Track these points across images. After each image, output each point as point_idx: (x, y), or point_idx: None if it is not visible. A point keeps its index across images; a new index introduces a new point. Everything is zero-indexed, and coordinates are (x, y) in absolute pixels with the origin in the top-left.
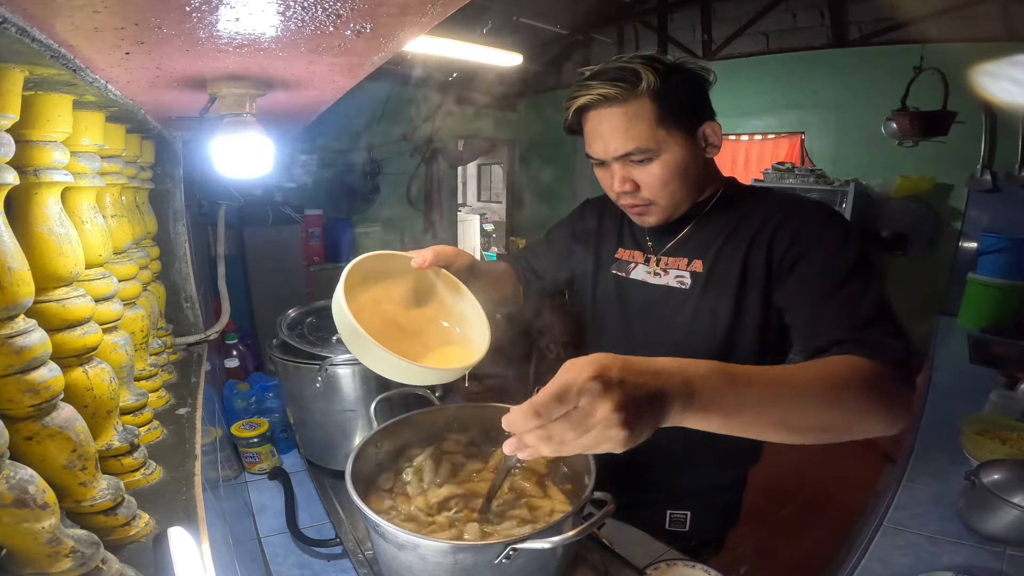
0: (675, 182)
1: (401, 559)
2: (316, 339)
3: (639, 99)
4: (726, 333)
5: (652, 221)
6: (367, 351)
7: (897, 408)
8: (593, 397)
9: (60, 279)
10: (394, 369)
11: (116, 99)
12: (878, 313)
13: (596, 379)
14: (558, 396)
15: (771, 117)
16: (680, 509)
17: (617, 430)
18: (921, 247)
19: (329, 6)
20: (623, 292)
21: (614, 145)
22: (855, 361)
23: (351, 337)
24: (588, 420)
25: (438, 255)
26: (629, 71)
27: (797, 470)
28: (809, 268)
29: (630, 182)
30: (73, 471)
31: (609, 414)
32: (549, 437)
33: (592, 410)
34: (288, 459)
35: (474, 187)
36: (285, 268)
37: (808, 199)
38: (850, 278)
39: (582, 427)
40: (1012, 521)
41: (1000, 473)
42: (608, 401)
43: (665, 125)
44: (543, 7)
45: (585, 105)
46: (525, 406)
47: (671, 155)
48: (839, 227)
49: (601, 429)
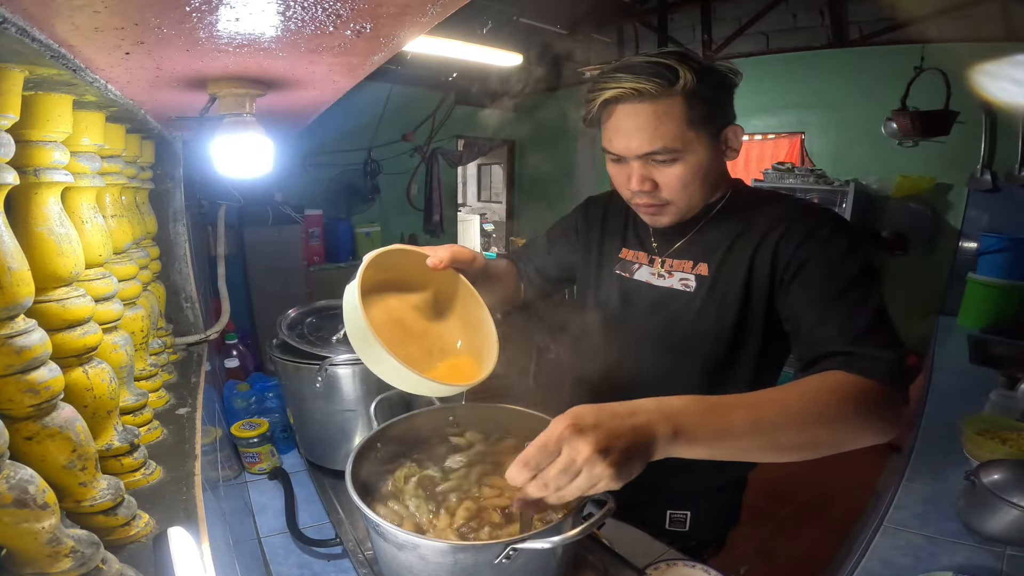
0: (695, 184)
1: (401, 559)
2: (316, 339)
3: (672, 97)
4: (729, 337)
5: (666, 222)
6: (374, 357)
7: (887, 420)
8: (572, 444)
9: (60, 279)
10: (398, 376)
11: (116, 99)
12: (875, 326)
13: (571, 427)
14: (541, 447)
15: (771, 117)
16: (680, 509)
17: (603, 467)
18: (921, 247)
19: (329, 6)
20: (626, 293)
21: (637, 143)
22: (844, 378)
23: (360, 338)
24: (573, 465)
25: (455, 257)
26: (666, 67)
27: (797, 470)
28: (811, 277)
29: (649, 181)
30: (73, 471)
31: (590, 455)
32: (545, 485)
33: (574, 455)
34: (288, 459)
35: (474, 187)
36: (285, 268)
37: (817, 205)
38: (850, 290)
39: (570, 472)
40: (1012, 521)
41: (1000, 473)
42: (587, 444)
43: (694, 126)
44: (543, 7)
45: (613, 98)
46: (516, 461)
47: (695, 156)
48: (845, 237)
49: (588, 470)
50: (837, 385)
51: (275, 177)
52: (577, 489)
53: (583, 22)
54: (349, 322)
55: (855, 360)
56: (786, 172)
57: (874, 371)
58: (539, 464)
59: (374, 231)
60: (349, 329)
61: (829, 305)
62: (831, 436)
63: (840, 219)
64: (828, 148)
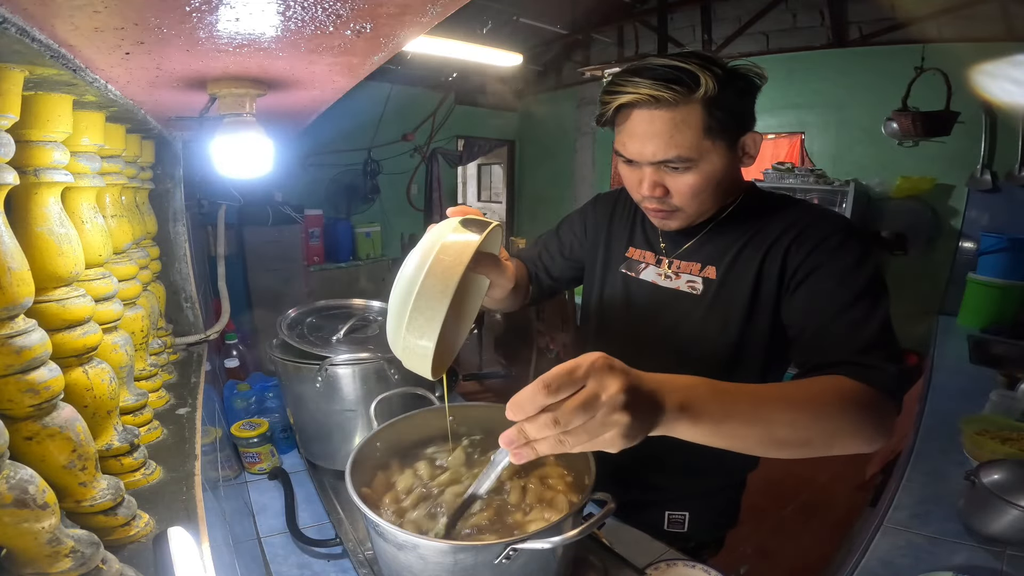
0: (707, 192)
1: (401, 559)
2: (316, 339)
3: (690, 105)
4: (734, 342)
5: (674, 226)
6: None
7: (880, 429)
8: (602, 376)
9: (60, 279)
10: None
11: (116, 99)
12: (881, 338)
13: (604, 359)
14: (567, 372)
15: (771, 117)
16: (678, 510)
17: (621, 414)
18: (921, 247)
19: (329, 6)
20: (631, 292)
21: (651, 149)
22: (846, 382)
23: (431, 292)
24: (596, 401)
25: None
26: (686, 73)
27: (797, 470)
28: (820, 285)
29: (661, 187)
30: (73, 471)
31: (616, 393)
32: (556, 421)
33: (600, 389)
34: (288, 459)
35: (474, 187)
36: (285, 268)
37: (830, 212)
38: (859, 301)
39: (591, 408)
40: (1012, 521)
41: (1000, 473)
42: (616, 380)
43: (711, 136)
44: (543, 7)
45: (629, 103)
46: (535, 383)
47: (709, 165)
48: (857, 246)
49: (607, 411)
50: (841, 388)
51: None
52: (586, 433)
53: (583, 22)
54: (435, 273)
55: (861, 370)
56: (786, 172)
57: (878, 381)
58: (560, 389)
59: (374, 231)
60: (421, 278)
61: (837, 314)
62: (824, 436)
63: (852, 227)
64: (828, 148)
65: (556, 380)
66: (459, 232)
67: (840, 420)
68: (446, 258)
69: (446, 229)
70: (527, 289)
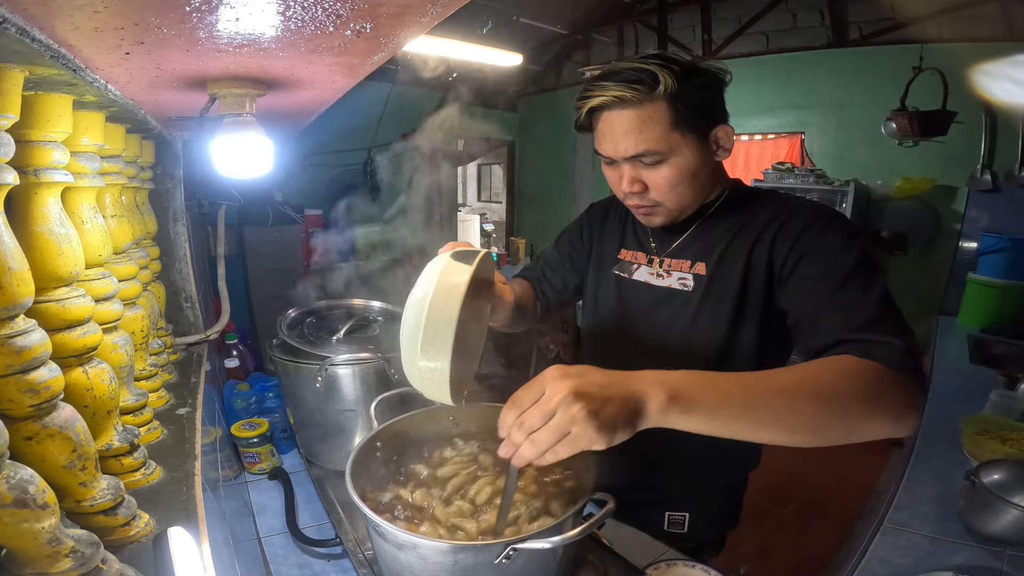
0: (683, 185)
1: (401, 559)
2: (316, 339)
3: (654, 102)
4: (727, 336)
5: (658, 222)
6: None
7: (901, 407)
8: (553, 383)
9: (60, 279)
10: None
11: (116, 99)
12: (879, 313)
13: (557, 369)
14: (526, 387)
15: (771, 117)
16: (678, 511)
17: (578, 409)
18: (921, 247)
19: (329, 6)
20: (624, 293)
21: (624, 146)
22: (851, 361)
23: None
24: (548, 404)
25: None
26: (646, 73)
27: (797, 470)
28: (810, 270)
29: (639, 183)
30: (73, 471)
31: (566, 394)
32: (522, 423)
33: (552, 394)
34: (288, 459)
35: (474, 187)
36: (285, 268)
37: (812, 202)
38: (851, 279)
39: (546, 411)
40: (1012, 521)
41: (1000, 473)
42: (565, 384)
43: (679, 129)
44: (543, 7)
45: (598, 105)
46: (507, 403)
47: (682, 158)
48: (841, 229)
49: (563, 410)
50: (841, 366)
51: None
52: (553, 431)
53: (583, 22)
54: (437, 304)
55: (861, 346)
56: (786, 172)
57: (881, 355)
58: (522, 403)
59: (374, 231)
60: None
61: (831, 295)
62: (839, 419)
63: (835, 212)
64: (828, 148)
65: (518, 395)
66: (453, 263)
67: (847, 400)
68: (446, 285)
69: (441, 263)
70: (534, 307)
